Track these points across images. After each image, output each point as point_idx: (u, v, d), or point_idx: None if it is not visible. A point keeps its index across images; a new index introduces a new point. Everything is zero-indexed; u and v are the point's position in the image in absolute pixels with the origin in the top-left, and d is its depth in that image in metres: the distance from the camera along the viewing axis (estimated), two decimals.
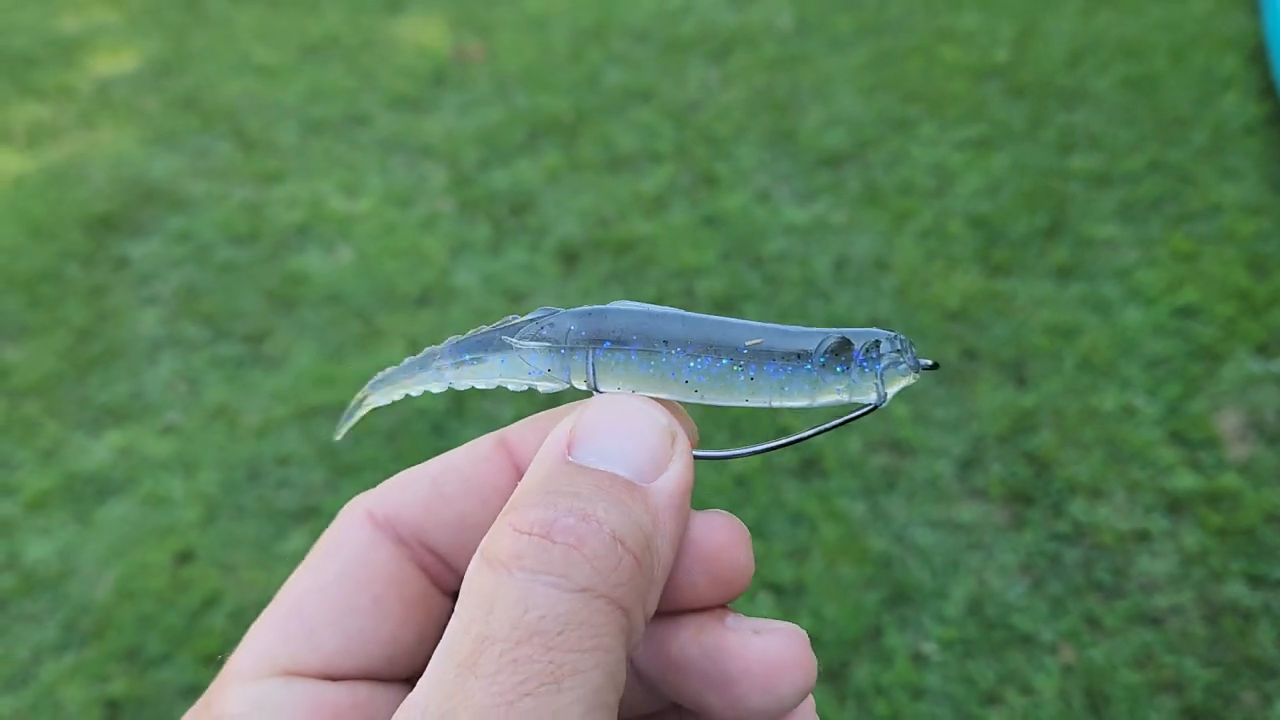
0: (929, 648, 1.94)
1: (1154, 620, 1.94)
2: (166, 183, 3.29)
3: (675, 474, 0.40)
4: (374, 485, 0.49)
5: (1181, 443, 2.22)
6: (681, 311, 0.48)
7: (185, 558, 2.19)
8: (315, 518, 2.24)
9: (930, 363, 0.50)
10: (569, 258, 2.86)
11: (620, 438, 0.40)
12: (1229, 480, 2.13)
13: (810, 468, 2.25)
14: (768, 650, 0.41)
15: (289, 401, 2.49)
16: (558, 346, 0.47)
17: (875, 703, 1.86)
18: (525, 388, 0.48)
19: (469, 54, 3.87)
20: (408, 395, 0.52)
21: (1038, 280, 2.64)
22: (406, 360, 0.52)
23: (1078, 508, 2.12)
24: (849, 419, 0.49)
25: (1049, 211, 2.85)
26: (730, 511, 0.46)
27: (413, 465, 0.48)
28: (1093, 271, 2.65)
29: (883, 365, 0.48)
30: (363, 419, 0.55)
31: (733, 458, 0.47)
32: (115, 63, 3.98)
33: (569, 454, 0.40)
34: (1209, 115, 3.12)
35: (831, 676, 1.91)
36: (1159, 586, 1.99)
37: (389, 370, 0.52)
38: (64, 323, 2.79)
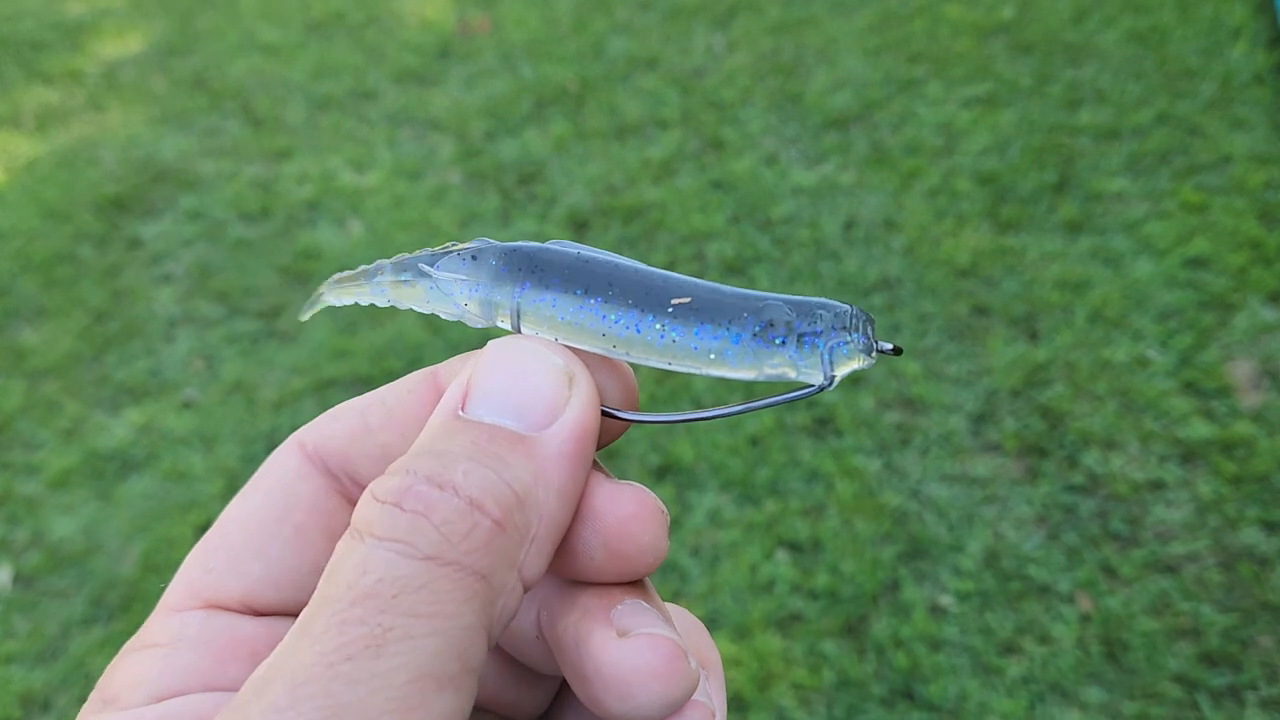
0: (946, 600, 1.95)
1: (1170, 568, 1.95)
2: (177, 162, 3.30)
3: (569, 419, 0.38)
4: None
5: (1194, 392, 2.22)
6: (616, 258, 0.43)
7: (208, 530, 2.21)
8: None
9: (891, 346, 0.44)
10: (578, 225, 2.87)
11: (510, 386, 0.38)
12: (1242, 428, 2.13)
13: (824, 426, 2.26)
14: (625, 656, 0.37)
15: (305, 375, 2.51)
16: (476, 281, 0.44)
17: (895, 655, 1.88)
18: (456, 319, 0.46)
19: (474, 27, 3.87)
20: (357, 303, 0.49)
21: (1047, 235, 2.64)
22: (361, 266, 0.49)
23: (1092, 459, 2.13)
24: (786, 398, 0.43)
25: (1057, 167, 2.84)
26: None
27: None
28: (1102, 225, 2.64)
29: (827, 343, 0.42)
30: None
31: (646, 422, 0.42)
32: (122, 45, 3.99)
33: (461, 408, 0.38)
34: (1217, 66, 3.10)
35: (850, 631, 1.93)
36: (1175, 535, 2.00)
37: (346, 273, 0.50)
38: (80, 303, 2.81)
